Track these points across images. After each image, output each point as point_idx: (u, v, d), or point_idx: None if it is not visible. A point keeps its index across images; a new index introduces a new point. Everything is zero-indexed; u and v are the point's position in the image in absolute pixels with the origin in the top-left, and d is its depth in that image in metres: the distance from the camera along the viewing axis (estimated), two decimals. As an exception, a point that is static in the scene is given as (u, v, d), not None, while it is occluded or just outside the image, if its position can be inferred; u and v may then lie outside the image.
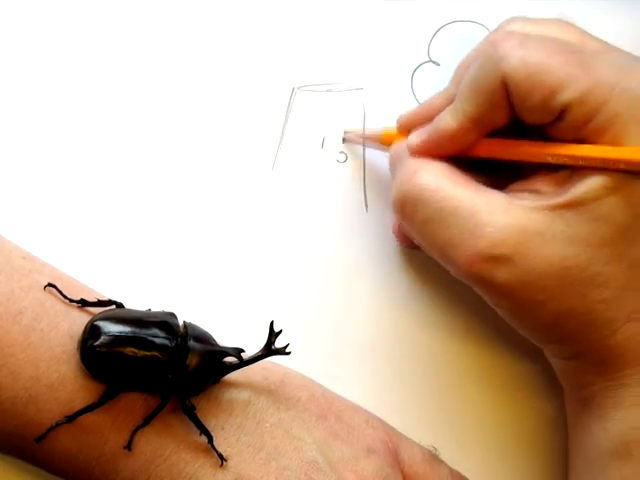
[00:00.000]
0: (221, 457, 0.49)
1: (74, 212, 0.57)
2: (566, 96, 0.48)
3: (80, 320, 0.50)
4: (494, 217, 0.49)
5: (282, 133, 0.59)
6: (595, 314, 0.49)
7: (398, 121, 0.56)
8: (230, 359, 0.51)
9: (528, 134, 0.51)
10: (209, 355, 0.50)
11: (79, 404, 0.49)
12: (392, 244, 0.59)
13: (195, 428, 0.49)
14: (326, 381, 0.56)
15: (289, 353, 0.51)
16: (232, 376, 0.51)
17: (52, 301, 0.50)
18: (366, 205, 0.59)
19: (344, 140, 0.59)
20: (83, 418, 0.48)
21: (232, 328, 0.55)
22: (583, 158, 0.48)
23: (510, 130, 0.51)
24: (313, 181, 0.59)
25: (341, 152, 0.60)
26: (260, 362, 0.51)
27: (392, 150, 0.55)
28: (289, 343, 0.51)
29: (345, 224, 0.59)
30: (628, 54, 0.51)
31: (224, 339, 0.52)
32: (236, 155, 0.59)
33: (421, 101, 0.60)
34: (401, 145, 0.54)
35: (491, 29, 0.60)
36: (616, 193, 0.48)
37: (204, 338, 0.50)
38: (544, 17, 0.54)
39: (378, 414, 0.56)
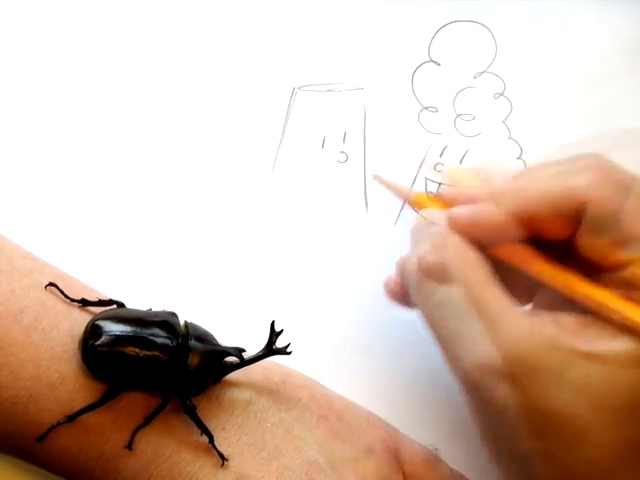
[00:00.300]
0: (222, 457, 0.49)
1: (74, 212, 0.57)
2: (637, 252, 0.46)
3: (81, 320, 0.50)
4: (514, 335, 0.46)
5: (283, 133, 0.59)
6: (575, 472, 0.46)
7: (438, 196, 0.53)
8: (231, 359, 0.51)
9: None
10: (210, 355, 0.50)
11: (80, 404, 0.48)
12: (392, 244, 0.59)
13: (196, 428, 0.49)
14: (326, 380, 0.56)
15: (290, 353, 0.51)
16: (233, 376, 0.51)
17: (53, 301, 0.50)
18: (366, 205, 0.59)
19: (374, 177, 0.58)
20: (84, 418, 0.48)
21: (233, 328, 0.55)
22: (611, 311, 0.46)
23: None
24: (313, 181, 0.59)
25: (342, 152, 0.60)
26: (261, 362, 0.52)
27: (427, 213, 0.52)
28: (290, 343, 0.51)
29: (345, 224, 0.59)
30: None
31: (225, 339, 0.51)
32: (237, 155, 0.59)
33: (422, 101, 0.60)
34: (435, 212, 0.51)
35: (492, 29, 0.60)
36: None
37: (205, 338, 0.50)
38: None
39: (379, 413, 0.56)
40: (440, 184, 0.59)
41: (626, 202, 0.46)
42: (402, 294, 0.53)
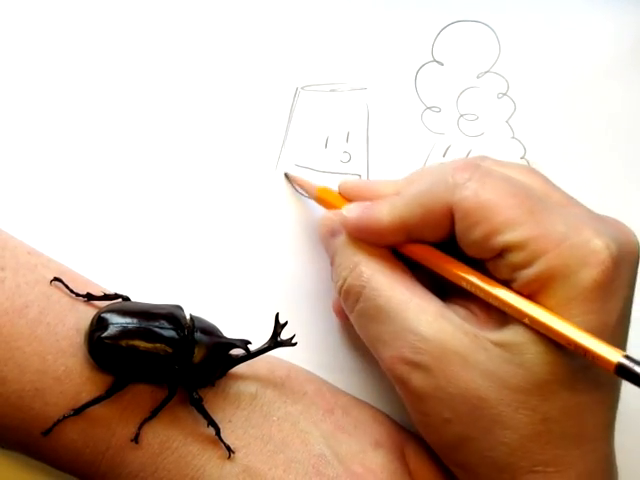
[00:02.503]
0: (229, 449, 0.49)
1: (78, 208, 0.57)
2: (507, 238, 0.47)
3: (86, 314, 0.50)
4: (421, 325, 0.48)
5: (286, 133, 0.59)
6: (497, 454, 0.48)
7: (340, 186, 0.56)
8: (236, 351, 0.51)
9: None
10: (216, 347, 0.50)
11: (86, 397, 0.48)
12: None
13: (202, 420, 0.49)
14: (330, 375, 0.56)
15: (295, 344, 0.51)
16: (238, 369, 0.51)
17: (58, 295, 0.50)
18: (369, 205, 0.59)
19: (286, 176, 0.59)
20: (90, 411, 0.48)
21: (236, 322, 0.54)
22: (496, 299, 0.48)
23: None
24: (316, 181, 0.59)
25: (345, 152, 0.60)
26: (265, 357, 0.52)
27: (325, 219, 0.55)
28: (295, 334, 0.51)
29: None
30: (588, 211, 0.50)
31: (229, 332, 0.51)
32: (240, 155, 0.59)
33: (425, 101, 0.60)
34: (334, 218, 0.54)
35: (495, 29, 0.60)
36: (538, 346, 0.46)
37: (211, 330, 0.50)
38: (515, 162, 0.55)
39: (383, 409, 0.56)
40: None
41: (488, 193, 0.48)
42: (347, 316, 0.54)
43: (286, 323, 0.51)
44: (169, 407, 0.49)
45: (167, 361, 0.49)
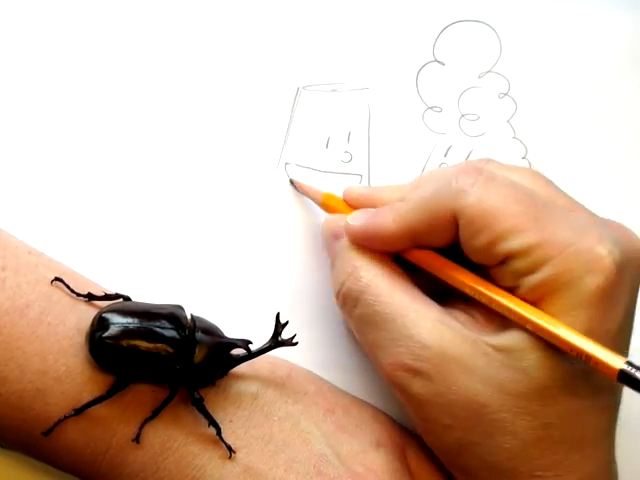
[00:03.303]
0: (230, 449, 0.49)
1: (79, 208, 0.57)
2: (512, 245, 0.47)
3: (87, 313, 0.50)
4: (421, 332, 0.48)
5: (287, 133, 0.59)
6: (498, 459, 0.48)
7: (344, 193, 0.56)
8: (237, 351, 0.51)
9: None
10: (217, 347, 0.50)
11: (87, 397, 0.48)
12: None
13: (204, 420, 0.49)
14: (331, 375, 0.56)
15: (296, 343, 0.51)
16: (239, 369, 0.51)
17: (59, 295, 0.50)
18: (371, 205, 0.59)
19: (291, 182, 0.59)
20: (91, 411, 0.48)
21: (237, 322, 0.54)
22: (499, 305, 0.48)
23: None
24: (318, 181, 0.59)
25: (346, 152, 0.60)
26: (266, 357, 0.52)
27: (329, 223, 0.55)
28: (296, 334, 0.51)
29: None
30: (592, 215, 0.50)
31: (229, 333, 0.51)
32: (241, 154, 0.59)
33: (427, 101, 0.60)
34: (338, 221, 0.54)
35: (496, 29, 0.60)
36: (538, 352, 0.46)
37: (211, 330, 0.50)
38: (519, 165, 0.54)
39: (384, 409, 0.56)
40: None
41: (492, 199, 0.48)
42: None
43: (287, 323, 0.51)
44: (170, 407, 0.49)
45: (168, 361, 0.49)
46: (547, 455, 0.48)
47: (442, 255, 0.51)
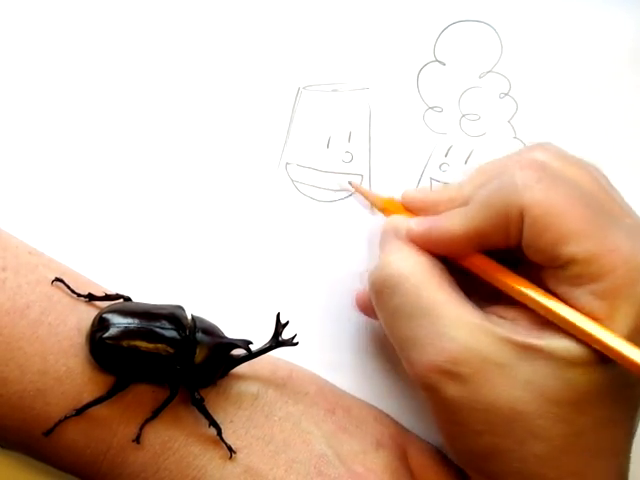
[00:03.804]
0: (230, 449, 0.49)
1: (79, 208, 0.57)
2: (575, 250, 0.46)
3: (88, 314, 0.50)
4: (462, 334, 0.47)
5: (287, 133, 0.59)
6: (527, 465, 0.47)
7: (404, 197, 0.55)
8: (238, 352, 0.51)
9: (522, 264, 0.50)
10: (217, 347, 0.50)
11: (87, 397, 0.48)
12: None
13: (204, 420, 0.49)
14: (331, 375, 0.56)
15: (297, 344, 0.51)
16: (240, 370, 0.51)
17: (59, 295, 0.50)
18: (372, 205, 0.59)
19: (349, 183, 0.59)
20: (91, 411, 0.48)
21: (238, 322, 0.54)
22: (552, 314, 0.48)
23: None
24: (318, 181, 0.59)
25: (347, 152, 0.60)
26: (267, 357, 0.52)
27: (392, 221, 0.54)
28: (296, 334, 0.51)
29: (350, 224, 0.59)
30: None
31: (230, 333, 0.51)
32: (242, 154, 0.59)
33: (427, 101, 0.60)
34: (399, 221, 0.53)
35: (497, 29, 0.60)
36: (584, 361, 0.46)
37: (212, 330, 0.50)
38: (579, 157, 0.52)
39: (384, 410, 0.56)
40: (445, 184, 0.59)
41: (558, 198, 0.47)
42: (371, 307, 0.53)
43: (287, 323, 0.51)
44: (171, 407, 0.49)
45: (168, 361, 0.49)
46: (575, 462, 0.48)
47: (492, 259, 0.51)
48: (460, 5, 0.60)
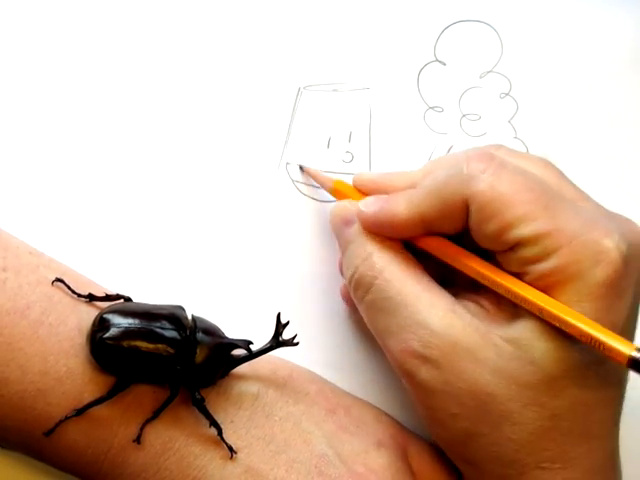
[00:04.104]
0: (231, 449, 0.49)
1: (80, 208, 0.57)
2: (522, 232, 0.47)
3: (88, 314, 0.50)
4: (432, 320, 0.48)
5: (288, 133, 0.59)
6: (504, 450, 0.48)
7: (355, 180, 0.56)
8: (238, 352, 0.51)
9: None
10: (218, 347, 0.50)
11: (88, 397, 0.48)
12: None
13: (204, 420, 0.49)
14: (332, 375, 0.56)
15: (297, 344, 0.51)
16: (240, 370, 0.51)
17: (60, 296, 0.50)
18: (372, 205, 0.59)
19: (300, 168, 0.59)
20: (92, 412, 0.48)
21: (238, 322, 0.54)
22: (511, 293, 0.48)
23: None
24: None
25: (347, 152, 0.60)
26: (267, 357, 0.52)
27: (338, 210, 0.55)
28: (297, 334, 0.51)
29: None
30: (599, 207, 0.50)
31: (231, 333, 0.51)
32: (242, 154, 0.59)
33: (428, 101, 0.60)
34: (347, 207, 0.54)
35: (497, 29, 0.60)
36: (548, 342, 0.47)
37: (212, 330, 0.50)
38: (530, 154, 0.54)
39: (385, 409, 0.56)
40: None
41: (503, 186, 0.48)
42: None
43: (288, 323, 0.51)
44: (171, 407, 0.49)
45: (169, 362, 0.49)
46: (553, 447, 0.48)
47: (452, 242, 0.51)
48: (460, 5, 0.60)
